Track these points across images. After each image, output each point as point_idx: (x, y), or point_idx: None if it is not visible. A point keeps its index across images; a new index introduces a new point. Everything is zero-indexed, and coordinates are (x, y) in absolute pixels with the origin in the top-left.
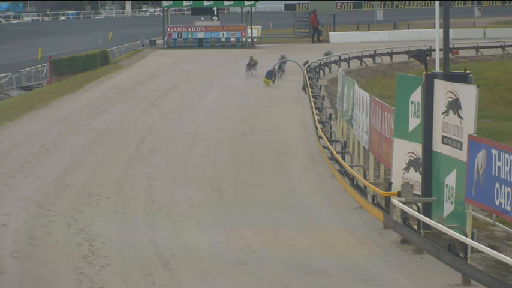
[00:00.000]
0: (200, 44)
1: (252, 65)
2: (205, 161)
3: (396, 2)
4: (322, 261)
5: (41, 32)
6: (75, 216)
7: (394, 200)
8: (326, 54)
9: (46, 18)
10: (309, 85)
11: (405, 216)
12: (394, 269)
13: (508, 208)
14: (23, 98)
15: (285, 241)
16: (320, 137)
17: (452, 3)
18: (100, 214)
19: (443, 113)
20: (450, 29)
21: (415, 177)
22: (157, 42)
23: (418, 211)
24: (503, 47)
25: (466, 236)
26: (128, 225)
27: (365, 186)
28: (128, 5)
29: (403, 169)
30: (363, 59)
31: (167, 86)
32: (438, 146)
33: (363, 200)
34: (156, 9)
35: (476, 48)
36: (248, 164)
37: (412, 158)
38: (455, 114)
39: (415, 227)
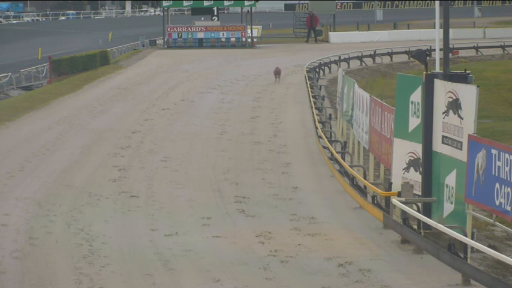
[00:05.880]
0: (200, 44)
1: None
2: (205, 161)
3: (396, 2)
4: (322, 261)
5: (41, 32)
6: (75, 216)
7: (394, 200)
8: None
9: (46, 18)
10: None
11: (405, 216)
12: (394, 269)
13: (508, 208)
14: (23, 98)
15: (284, 241)
16: (320, 137)
17: (452, 3)
18: (100, 214)
19: (443, 113)
20: (450, 29)
21: (415, 177)
22: (157, 42)
23: (418, 211)
24: (503, 47)
25: (466, 236)
26: (127, 225)
27: (365, 186)
28: (128, 5)
29: (403, 169)
30: (363, 59)
31: (167, 86)
32: (438, 146)
33: (363, 200)
34: (156, 9)
35: (476, 48)
36: (248, 164)
37: (412, 158)
38: (455, 114)
39: (415, 227)
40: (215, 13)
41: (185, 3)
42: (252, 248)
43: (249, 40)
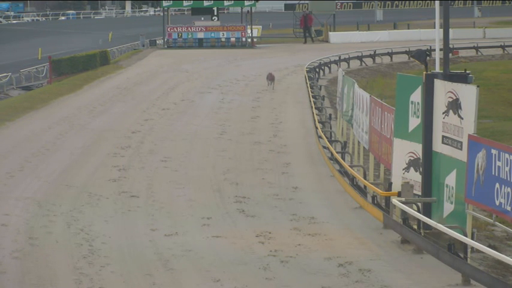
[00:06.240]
0: (200, 44)
1: None
2: (205, 161)
3: (396, 2)
4: (322, 261)
5: (41, 32)
6: (75, 216)
7: (394, 200)
8: None
9: (46, 18)
10: None
11: (405, 216)
12: (394, 269)
13: (508, 208)
14: (23, 98)
15: (284, 241)
16: (320, 137)
17: (452, 3)
18: (100, 214)
19: (443, 113)
20: (450, 29)
21: (415, 177)
22: (157, 42)
23: (418, 211)
24: (503, 47)
25: (466, 236)
26: (128, 225)
27: (365, 186)
28: (128, 5)
29: (403, 169)
30: (363, 59)
31: (167, 86)
32: (438, 146)
33: (363, 200)
34: (156, 9)
35: (476, 48)
36: (248, 164)
37: (412, 158)
38: (455, 114)
39: (415, 227)
40: (215, 13)
41: (185, 3)
42: (252, 248)
43: (249, 40)
